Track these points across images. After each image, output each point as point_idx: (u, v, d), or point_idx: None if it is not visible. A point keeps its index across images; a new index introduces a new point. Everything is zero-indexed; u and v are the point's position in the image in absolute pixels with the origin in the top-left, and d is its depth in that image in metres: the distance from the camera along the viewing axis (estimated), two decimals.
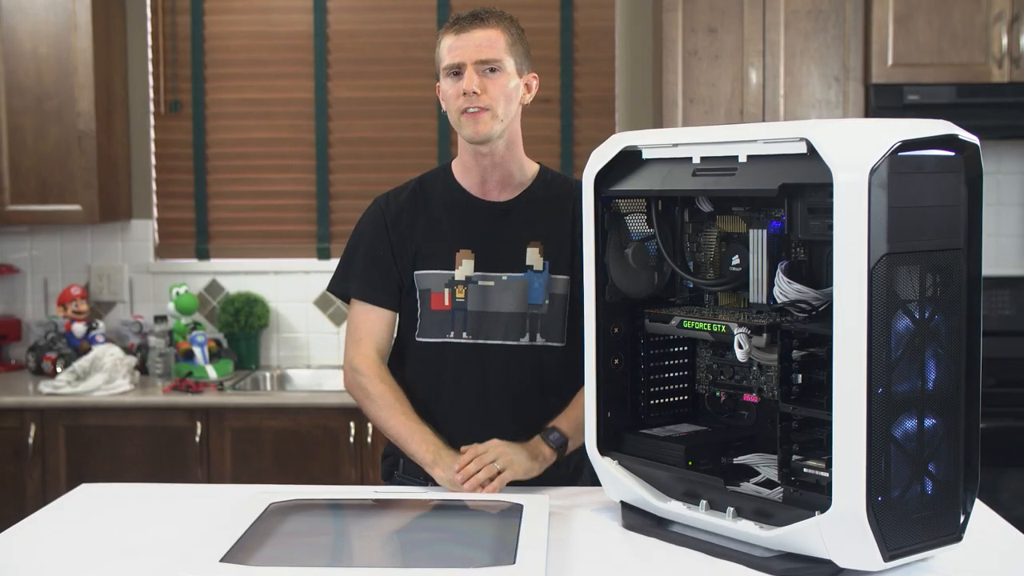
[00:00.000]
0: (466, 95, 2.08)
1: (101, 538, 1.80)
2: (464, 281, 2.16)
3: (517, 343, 2.16)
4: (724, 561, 1.64)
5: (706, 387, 1.89)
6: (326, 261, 4.21)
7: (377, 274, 2.20)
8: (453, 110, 2.11)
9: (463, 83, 2.08)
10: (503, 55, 2.10)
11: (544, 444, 2.08)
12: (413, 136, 4.20)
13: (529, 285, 2.16)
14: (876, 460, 1.46)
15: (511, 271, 2.16)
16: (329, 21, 4.19)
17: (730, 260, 1.77)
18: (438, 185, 2.23)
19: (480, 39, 2.09)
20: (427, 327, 2.18)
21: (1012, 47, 3.57)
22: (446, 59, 2.11)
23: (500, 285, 2.16)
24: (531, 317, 2.16)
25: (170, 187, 4.27)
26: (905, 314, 1.49)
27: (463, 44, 2.09)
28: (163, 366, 3.96)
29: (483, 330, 2.16)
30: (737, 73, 3.70)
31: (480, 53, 2.08)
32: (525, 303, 2.16)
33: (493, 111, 2.09)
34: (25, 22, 3.89)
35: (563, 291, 2.17)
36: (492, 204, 2.20)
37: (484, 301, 2.15)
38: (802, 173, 1.53)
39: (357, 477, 3.63)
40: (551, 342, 2.17)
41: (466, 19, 2.11)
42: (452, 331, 2.16)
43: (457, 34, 2.10)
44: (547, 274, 2.17)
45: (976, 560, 1.62)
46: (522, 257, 2.17)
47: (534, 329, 2.16)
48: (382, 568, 1.67)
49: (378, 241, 2.21)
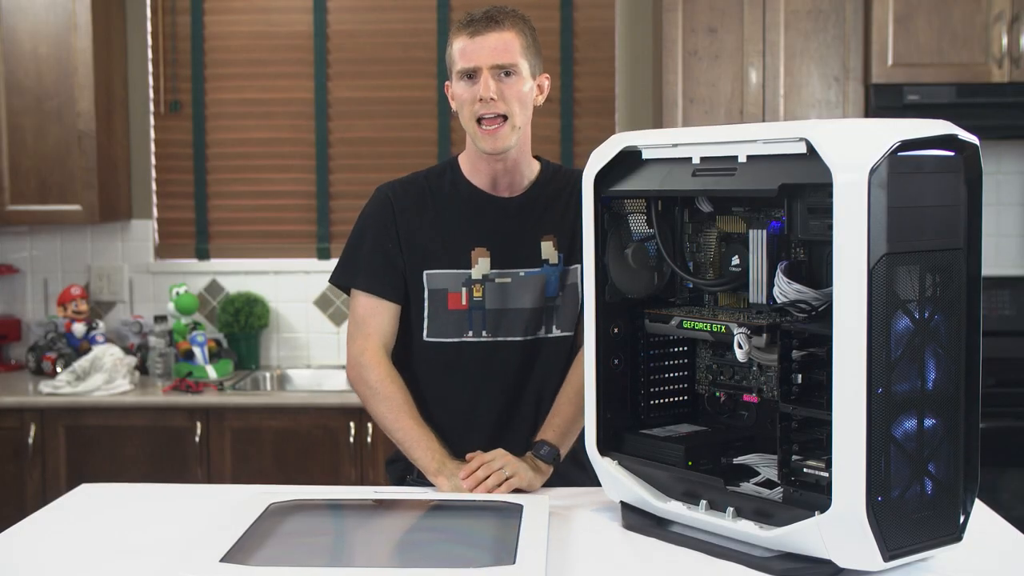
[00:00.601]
0: (482, 101, 2.04)
1: (101, 538, 1.80)
2: (481, 279, 2.14)
3: (535, 337, 2.15)
4: (724, 561, 1.64)
5: (706, 387, 1.89)
6: (326, 261, 4.21)
7: (384, 267, 2.15)
8: (467, 115, 2.08)
9: (478, 88, 2.04)
10: (518, 59, 2.06)
11: (539, 460, 2.06)
12: (413, 136, 4.20)
13: (547, 279, 2.15)
14: (876, 460, 1.46)
15: (528, 267, 2.15)
16: (329, 21, 4.19)
17: (730, 260, 1.77)
18: (446, 182, 2.19)
19: (495, 42, 2.04)
20: (441, 327, 2.15)
21: (1012, 47, 3.57)
22: (459, 62, 2.07)
23: (517, 281, 2.14)
24: (547, 310, 2.16)
25: (170, 187, 4.27)
26: (905, 314, 1.49)
27: (478, 47, 2.04)
28: (163, 366, 3.96)
29: (502, 327, 2.14)
30: (737, 73, 3.70)
31: (496, 57, 2.04)
32: (543, 297, 2.15)
33: (511, 120, 2.06)
34: (25, 22, 3.89)
35: (575, 280, 2.16)
36: (504, 200, 2.18)
37: (503, 298, 2.14)
38: (802, 173, 1.53)
39: (357, 477, 3.63)
40: (565, 332, 2.17)
41: (481, 21, 2.06)
42: (470, 330, 2.14)
43: (472, 37, 2.05)
44: (562, 266, 2.16)
45: (976, 560, 1.62)
46: (537, 251, 2.16)
47: (550, 321, 2.16)
48: (382, 568, 1.67)
49: (384, 233, 2.16)
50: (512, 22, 2.07)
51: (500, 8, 2.09)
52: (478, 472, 1.98)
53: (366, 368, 2.13)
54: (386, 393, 2.11)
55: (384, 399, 2.11)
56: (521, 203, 2.18)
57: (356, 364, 2.15)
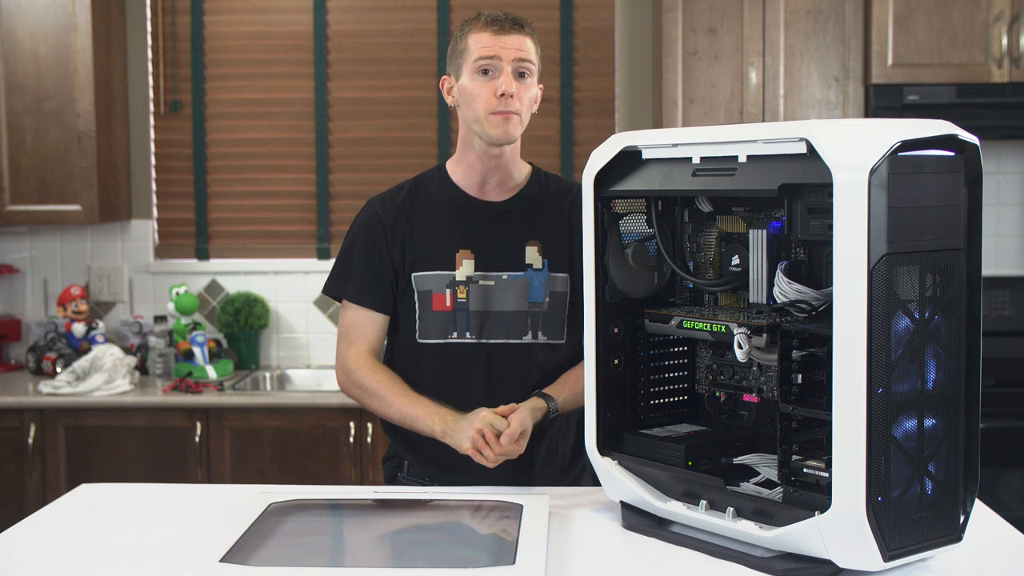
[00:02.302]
0: (503, 96, 2.07)
1: (101, 538, 1.80)
2: (465, 281, 2.16)
3: (520, 341, 2.17)
4: (724, 561, 1.64)
5: (706, 387, 1.89)
6: (326, 261, 4.21)
7: (372, 278, 2.20)
8: (481, 109, 2.09)
9: (498, 83, 2.07)
10: (535, 61, 2.13)
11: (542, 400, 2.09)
12: (413, 136, 4.20)
13: (530, 283, 2.17)
14: (876, 460, 1.46)
15: (511, 270, 2.17)
16: (329, 21, 4.19)
17: (730, 260, 1.77)
18: (433, 186, 2.23)
19: (517, 43, 2.09)
20: (428, 328, 2.18)
21: (1012, 47, 3.57)
22: (478, 52, 2.09)
23: (501, 284, 2.16)
24: (532, 315, 2.17)
25: (170, 187, 4.27)
26: (905, 314, 1.49)
27: (502, 44, 2.08)
28: (163, 366, 3.97)
29: (486, 329, 2.16)
30: (737, 73, 3.70)
31: (519, 54, 2.09)
32: (526, 301, 2.17)
33: (520, 116, 2.11)
34: (25, 22, 3.89)
35: (563, 289, 2.18)
36: (490, 204, 2.20)
37: (486, 300, 2.16)
38: (802, 173, 1.53)
39: (357, 477, 3.63)
40: (553, 340, 2.18)
41: (504, 20, 2.10)
42: (455, 331, 2.16)
43: (496, 34, 2.09)
44: (547, 272, 2.18)
45: (976, 560, 1.62)
46: (521, 256, 2.17)
47: (535, 327, 2.17)
48: (382, 568, 1.67)
49: (374, 245, 2.20)
50: (530, 29, 2.14)
51: (517, 14, 2.14)
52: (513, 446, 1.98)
53: (351, 370, 2.18)
54: (373, 384, 2.15)
55: (373, 390, 2.15)
56: (507, 207, 2.20)
57: (343, 369, 2.21)
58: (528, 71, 2.11)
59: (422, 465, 2.21)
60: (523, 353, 2.17)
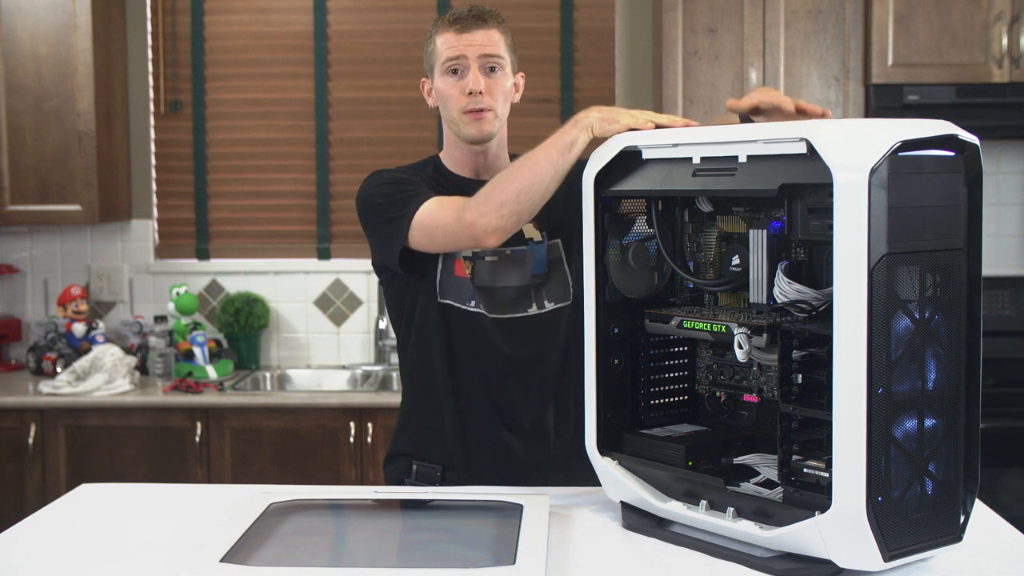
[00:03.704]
0: (471, 94, 2.08)
1: (101, 538, 1.80)
2: (471, 257, 2.15)
3: (526, 314, 2.16)
4: (724, 561, 1.64)
5: (706, 387, 1.89)
6: (326, 261, 4.21)
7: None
8: (453, 109, 2.11)
9: (467, 82, 2.08)
10: (505, 54, 2.11)
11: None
12: (413, 136, 4.20)
13: (533, 257, 2.16)
14: (876, 460, 1.46)
15: (512, 244, 2.13)
16: (329, 21, 4.19)
17: (730, 260, 1.77)
18: (430, 171, 2.23)
19: (483, 38, 2.09)
20: (448, 290, 2.14)
21: (1012, 47, 3.57)
22: (445, 54, 2.09)
23: (504, 259, 2.15)
24: (535, 288, 2.17)
25: (170, 187, 4.27)
26: (905, 314, 1.49)
27: (466, 42, 2.08)
28: (163, 366, 3.97)
29: (496, 305, 2.14)
30: (737, 73, 3.70)
31: (484, 50, 2.08)
32: (529, 275, 2.16)
33: (495, 111, 2.11)
34: (25, 22, 3.89)
35: (558, 255, 2.18)
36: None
37: (491, 276, 2.14)
38: (802, 173, 1.53)
39: (357, 477, 3.63)
40: (560, 303, 2.18)
41: (467, 18, 2.10)
42: (472, 300, 2.13)
43: (459, 32, 2.09)
44: (546, 241, 2.17)
45: (976, 560, 1.62)
46: (519, 234, 2.15)
47: (540, 297, 2.17)
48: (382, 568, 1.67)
49: (414, 179, 2.14)
50: (496, 20, 2.12)
51: (482, 8, 2.13)
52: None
53: (468, 204, 1.99)
54: (487, 185, 1.99)
55: (491, 183, 1.99)
56: None
57: (462, 210, 2.00)
58: (497, 65, 2.10)
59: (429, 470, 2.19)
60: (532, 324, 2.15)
